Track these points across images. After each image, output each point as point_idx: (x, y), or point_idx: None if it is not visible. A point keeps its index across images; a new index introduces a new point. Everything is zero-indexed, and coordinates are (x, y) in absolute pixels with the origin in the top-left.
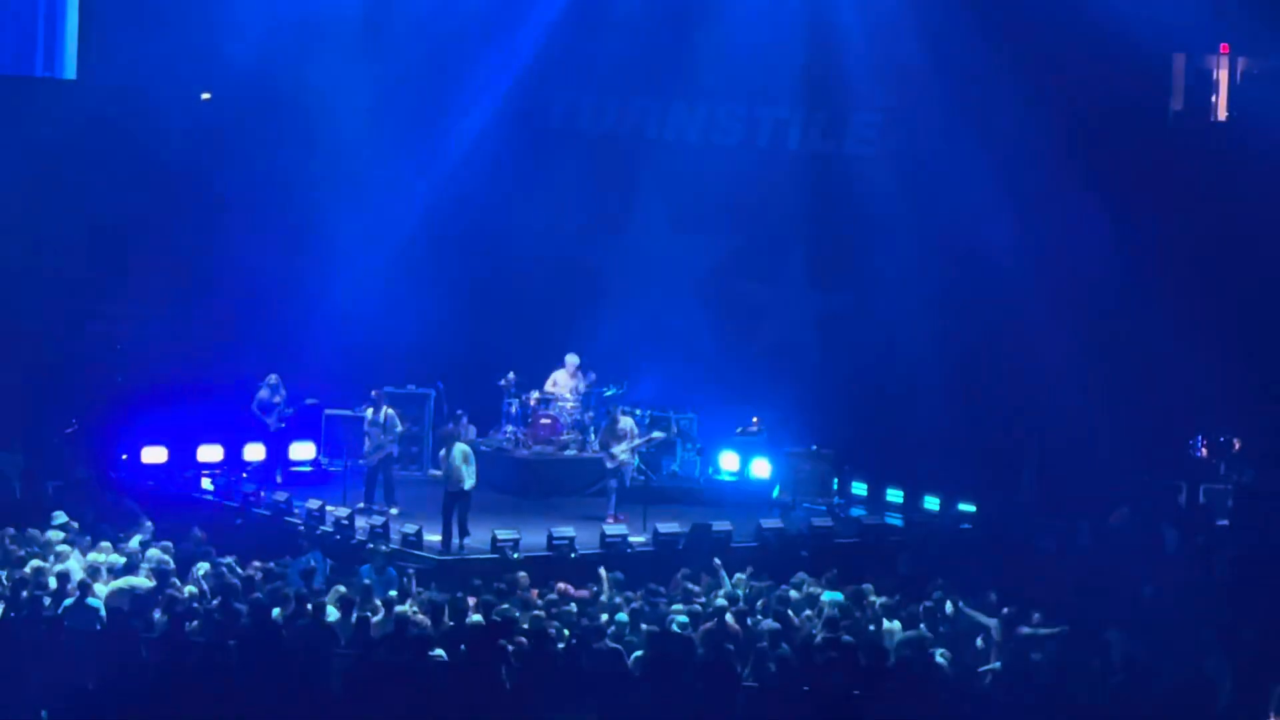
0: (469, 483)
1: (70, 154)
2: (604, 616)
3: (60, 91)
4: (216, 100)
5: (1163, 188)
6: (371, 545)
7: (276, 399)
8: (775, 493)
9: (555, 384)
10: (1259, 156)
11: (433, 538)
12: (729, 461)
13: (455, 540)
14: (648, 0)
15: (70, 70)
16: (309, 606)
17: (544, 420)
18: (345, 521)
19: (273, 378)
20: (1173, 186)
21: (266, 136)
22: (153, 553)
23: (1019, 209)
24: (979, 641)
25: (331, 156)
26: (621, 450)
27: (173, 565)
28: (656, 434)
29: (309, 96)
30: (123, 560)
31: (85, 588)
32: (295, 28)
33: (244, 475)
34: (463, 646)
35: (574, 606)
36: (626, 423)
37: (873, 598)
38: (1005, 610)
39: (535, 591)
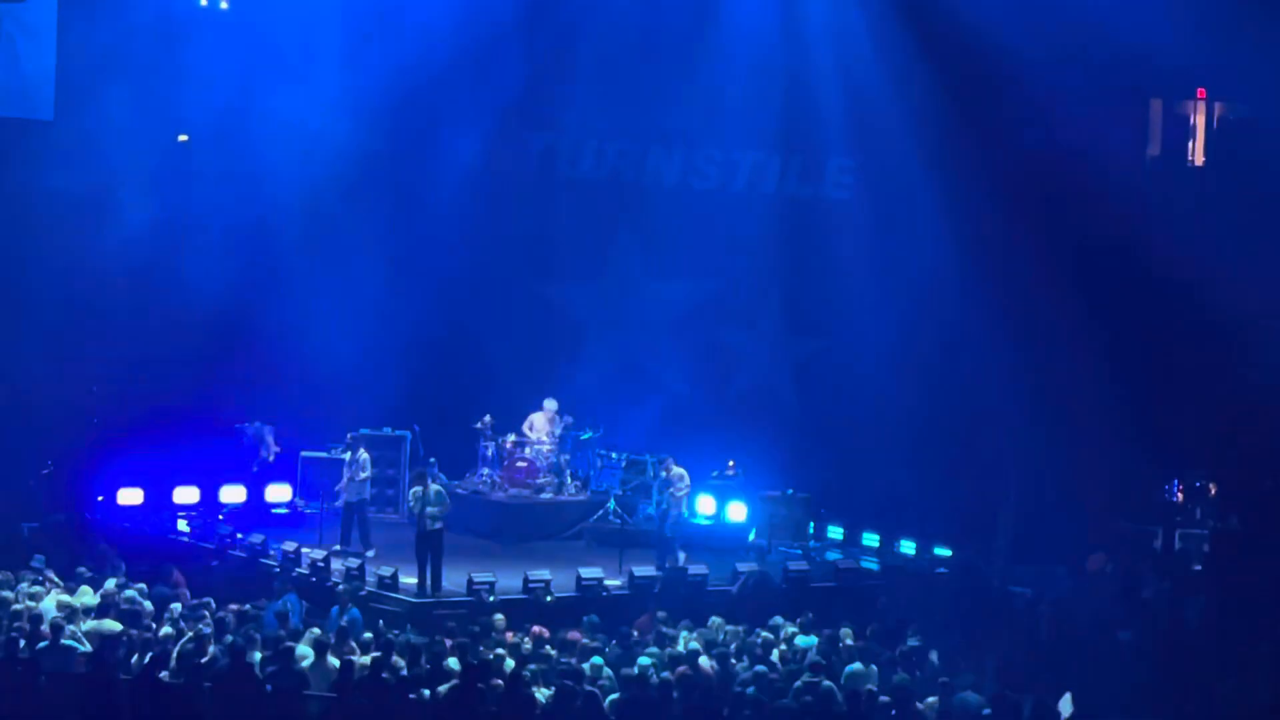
0: (439, 522)
1: (47, 195)
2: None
3: (39, 133)
4: (194, 142)
5: (1139, 233)
6: (343, 587)
7: (264, 440)
8: (751, 536)
9: (532, 427)
10: (1235, 202)
11: (409, 580)
12: (705, 505)
13: (429, 582)
14: (626, 43)
15: (48, 111)
16: (283, 649)
17: (520, 463)
18: (321, 564)
19: (256, 423)
20: (1149, 232)
21: (242, 178)
22: (128, 594)
23: (994, 254)
24: None
25: (308, 199)
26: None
27: (148, 607)
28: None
29: (287, 139)
30: (97, 602)
31: (57, 630)
32: (273, 71)
33: (220, 517)
34: (440, 689)
35: (550, 649)
36: (677, 471)
37: (849, 642)
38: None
39: (510, 635)
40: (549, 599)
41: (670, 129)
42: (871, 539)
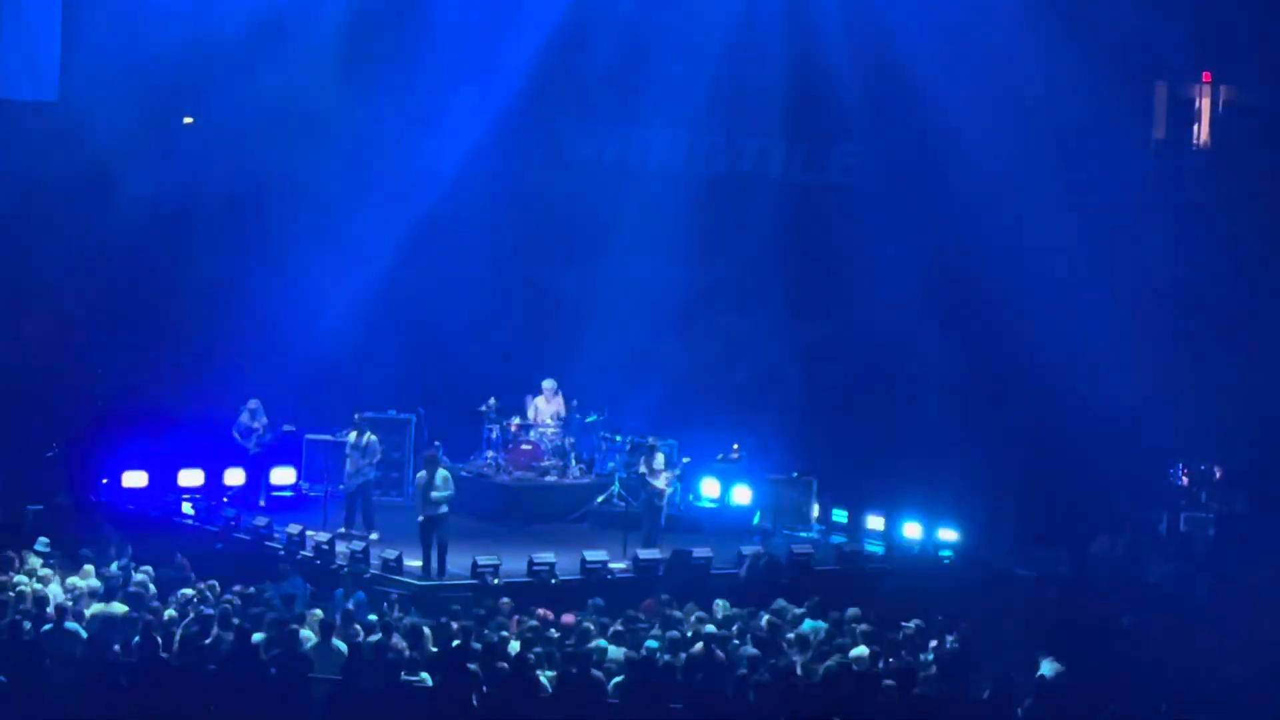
0: (445, 506)
1: (52, 177)
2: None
3: (43, 114)
4: (198, 124)
5: (1144, 215)
6: (347, 570)
7: (256, 424)
8: (756, 519)
9: (535, 410)
10: (1239, 184)
11: (413, 563)
12: (710, 488)
13: (435, 566)
14: (631, 29)
15: (52, 93)
16: (288, 631)
17: (525, 446)
18: (325, 546)
19: (253, 402)
20: (1154, 214)
21: (246, 160)
22: (133, 577)
23: (999, 239)
24: None
25: (313, 182)
26: (661, 481)
27: (153, 590)
28: (686, 459)
29: (291, 122)
30: (102, 585)
31: (62, 612)
32: (278, 54)
33: (225, 500)
34: (440, 672)
35: (554, 632)
36: (660, 458)
37: (855, 625)
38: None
39: (516, 619)
40: (553, 581)
41: (675, 114)
42: (876, 521)
